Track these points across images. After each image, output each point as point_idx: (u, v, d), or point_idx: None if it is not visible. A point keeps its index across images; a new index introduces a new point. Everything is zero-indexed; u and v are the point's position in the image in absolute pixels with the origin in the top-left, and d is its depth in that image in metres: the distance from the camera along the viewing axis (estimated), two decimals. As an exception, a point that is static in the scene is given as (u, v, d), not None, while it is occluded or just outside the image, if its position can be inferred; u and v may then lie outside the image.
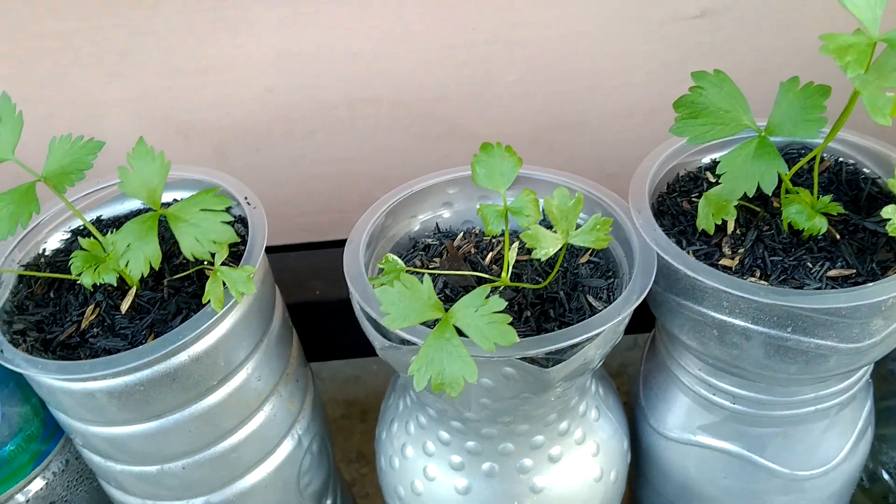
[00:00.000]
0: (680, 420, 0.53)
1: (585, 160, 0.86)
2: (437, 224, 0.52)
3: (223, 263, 0.43)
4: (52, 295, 0.49)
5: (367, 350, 0.73)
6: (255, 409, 0.50)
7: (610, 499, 0.53)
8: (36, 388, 0.47)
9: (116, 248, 0.39)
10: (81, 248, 0.44)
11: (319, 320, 0.67)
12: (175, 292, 0.48)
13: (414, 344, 0.42)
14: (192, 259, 0.39)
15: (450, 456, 0.49)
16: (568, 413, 0.49)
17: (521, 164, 0.43)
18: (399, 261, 0.44)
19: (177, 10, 0.75)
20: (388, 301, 0.37)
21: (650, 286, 0.43)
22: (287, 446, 0.53)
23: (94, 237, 0.44)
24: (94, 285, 0.48)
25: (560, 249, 0.39)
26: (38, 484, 0.54)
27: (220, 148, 0.83)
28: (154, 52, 0.76)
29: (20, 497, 0.54)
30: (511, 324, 0.36)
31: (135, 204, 0.55)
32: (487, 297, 0.36)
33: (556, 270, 0.42)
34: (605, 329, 0.41)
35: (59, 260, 0.51)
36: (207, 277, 0.48)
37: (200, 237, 0.38)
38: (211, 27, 0.76)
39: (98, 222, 0.54)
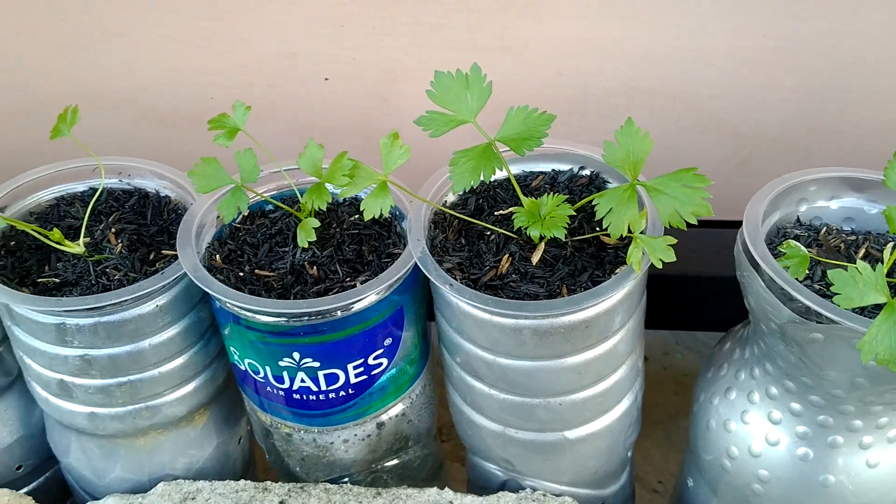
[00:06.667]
0: None
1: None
2: (797, 217, 0.58)
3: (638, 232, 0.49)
4: (463, 241, 0.57)
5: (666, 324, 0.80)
6: (622, 362, 0.57)
7: (924, 483, 0.58)
8: (458, 318, 0.54)
9: (598, 210, 0.46)
10: (520, 206, 0.51)
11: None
12: (576, 251, 0.55)
13: (822, 322, 0.47)
14: (667, 226, 0.46)
15: (796, 426, 0.55)
16: (914, 400, 0.54)
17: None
18: (802, 247, 0.50)
19: (494, -8, 0.81)
20: (842, 283, 0.43)
21: None
22: (629, 399, 0.60)
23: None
24: (507, 238, 0.55)
25: None
26: (399, 406, 0.62)
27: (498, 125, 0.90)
28: (462, 29, 0.83)
29: (384, 417, 0.62)
30: None
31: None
32: (938, 288, 0.42)
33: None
34: None
35: (459, 212, 0.59)
36: (600, 241, 0.55)
37: (681, 209, 0.44)
38: (520, 12, 0.82)
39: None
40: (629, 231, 0.47)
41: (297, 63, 0.87)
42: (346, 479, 0.64)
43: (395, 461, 0.65)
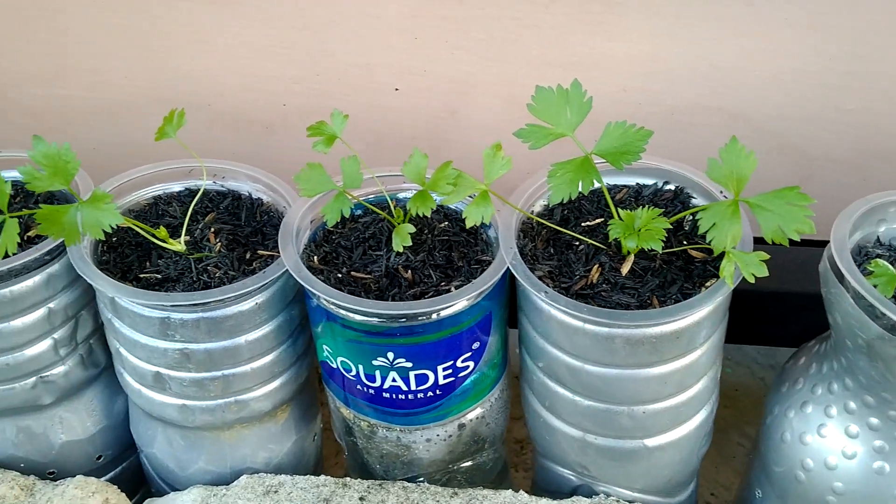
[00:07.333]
0: None
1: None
2: (877, 237, 0.59)
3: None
4: (552, 251, 0.59)
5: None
6: (704, 373, 0.58)
7: None
8: (546, 325, 0.56)
9: (701, 224, 0.48)
10: (616, 218, 0.53)
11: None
12: (665, 264, 0.56)
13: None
14: (770, 242, 0.48)
15: (873, 440, 0.56)
16: None
17: None
18: (890, 266, 0.51)
19: (566, 10, 0.83)
20: (938, 301, 0.44)
21: None
22: (706, 411, 0.62)
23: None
24: (596, 248, 0.57)
25: None
26: (479, 410, 0.64)
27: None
28: (533, 45, 0.85)
29: (465, 419, 0.64)
30: None
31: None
32: None
33: None
34: None
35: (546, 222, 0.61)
36: (687, 255, 0.57)
37: (784, 226, 0.46)
38: (590, 29, 0.84)
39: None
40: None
41: (371, 74, 0.90)
42: (422, 479, 0.66)
43: (469, 462, 0.67)
